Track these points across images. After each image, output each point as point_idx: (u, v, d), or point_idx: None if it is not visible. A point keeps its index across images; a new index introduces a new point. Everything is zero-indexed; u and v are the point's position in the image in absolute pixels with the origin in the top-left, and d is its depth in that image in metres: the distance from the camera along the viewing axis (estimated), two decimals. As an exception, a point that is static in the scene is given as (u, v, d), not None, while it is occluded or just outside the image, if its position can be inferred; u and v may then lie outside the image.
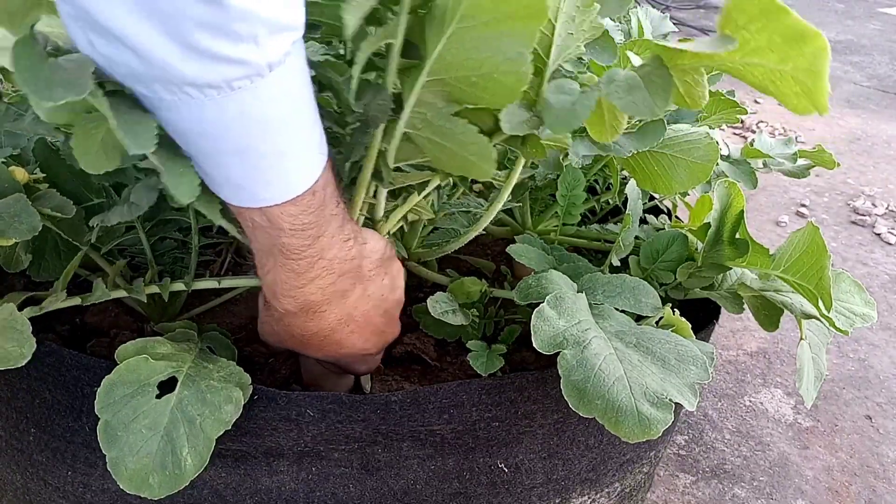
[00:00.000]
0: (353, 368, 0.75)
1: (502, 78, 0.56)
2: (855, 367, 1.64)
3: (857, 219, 2.31)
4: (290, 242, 0.58)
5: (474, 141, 0.61)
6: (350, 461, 0.70)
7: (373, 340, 0.71)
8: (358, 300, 0.67)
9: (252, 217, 0.56)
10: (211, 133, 0.49)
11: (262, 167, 0.52)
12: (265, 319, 0.69)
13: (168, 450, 0.59)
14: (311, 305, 0.64)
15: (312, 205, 0.56)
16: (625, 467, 0.86)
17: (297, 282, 0.61)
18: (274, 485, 0.70)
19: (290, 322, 0.66)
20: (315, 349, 0.69)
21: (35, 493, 0.76)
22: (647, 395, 0.61)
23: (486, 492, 0.76)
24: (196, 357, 0.67)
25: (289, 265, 0.60)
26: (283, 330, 0.68)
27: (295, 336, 0.67)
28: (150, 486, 0.58)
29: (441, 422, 0.70)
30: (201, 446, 0.59)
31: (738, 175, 1.00)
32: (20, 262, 0.77)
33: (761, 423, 1.45)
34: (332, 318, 0.66)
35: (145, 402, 0.60)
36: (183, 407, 0.61)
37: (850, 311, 0.83)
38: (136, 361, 0.62)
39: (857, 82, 3.66)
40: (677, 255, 0.86)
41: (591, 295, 0.75)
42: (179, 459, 0.58)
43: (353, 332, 0.69)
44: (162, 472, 0.58)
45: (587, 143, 0.79)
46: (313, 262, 0.60)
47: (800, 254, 0.73)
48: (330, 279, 0.63)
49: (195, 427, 0.60)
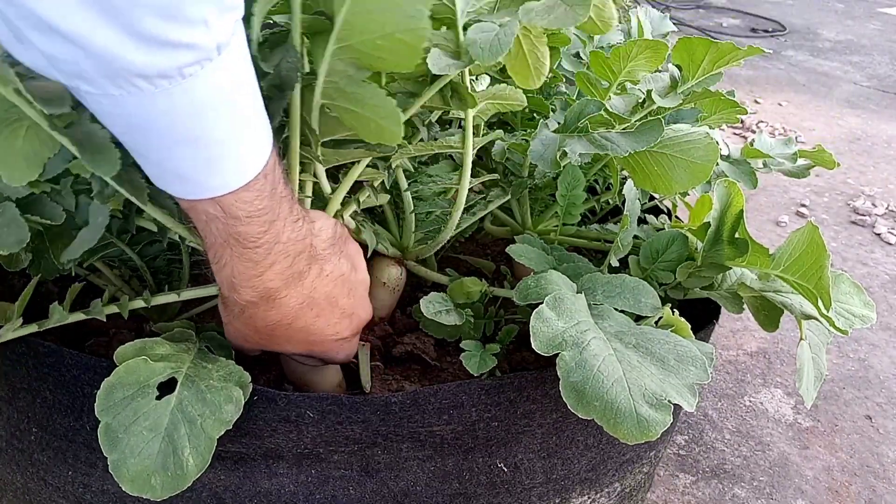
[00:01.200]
0: (331, 357, 0.73)
1: (404, 37, 0.57)
2: (855, 367, 1.64)
3: (857, 219, 2.31)
4: (246, 231, 0.57)
5: (383, 104, 0.62)
6: (350, 463, 0.70)
7: (343, 324, 0.70)
8: (315, 281, 0.66)
9: (206, 210, 0.55)
10: (161, 126, 0.48)
11: (214, 156, 0.51)
12: (227, 320, 0.68)
13: (170, 451, 0.58)
14: (270, 293, 0.62)
15: (265, 188, 0.55)
16: (624, 467, 0.86)
17: (256, 270, 0.60)
18: (273, 487, 0.70)
19: (251, 315, 0.64)
20: (284, 341, 0.68)
21: (35, 492, 0.76)
22: (645, 396, 0.60)
23: (486, 492, 0.76)
24: (195, 357, 0.67)
25: (246, 255, 0.59)
26: (246, 327, 0.66)
27: (260, 330, 0.66)
28: (152, 487, 0.58)
29: (441, 422, 0.70)
30: (203, 446, 0.59)
31: (738, 175, 1.00)
32: (20, 261, 0.77)
33: (761, 423, 1.45)
34: (292, 303, 0.64)
35: (145, 404, 0.60)
36: (183, 407, 0.60)
37: (850, 312, 0.83)
38: (136, 363, 0.62)
39: (857, 82, 3.66)
40: (677, 255, 0.86)
41: (591, 295, 0.75)
42: (181, 460, 0.58)
43: (319, 317, 0.67)
44: (164, 472, 0.58)
45: (584, 142, 0.79)
46: (270, 247, 0.59)
47: (799, 253, 0.73)
48: (286, 262, 0.62)
49: (196, 427, 0.60)
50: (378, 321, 0.91)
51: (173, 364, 0.64)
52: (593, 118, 0.81)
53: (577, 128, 0.82)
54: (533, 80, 0.71)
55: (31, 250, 0.78)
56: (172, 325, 0.75)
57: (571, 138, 0.80)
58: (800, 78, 3.67)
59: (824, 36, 4.47)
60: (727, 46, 0.86)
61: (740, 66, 0.89)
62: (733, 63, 0.88)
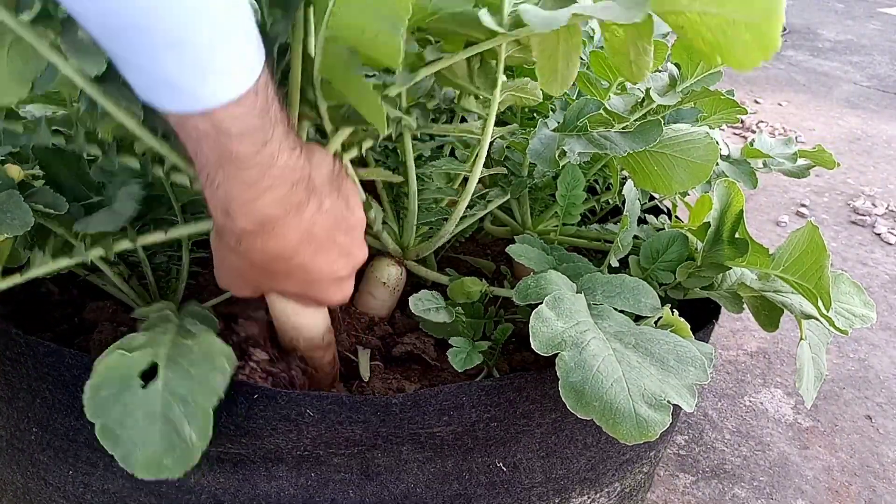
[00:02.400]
0: (327, 297, 0.71)
1: (383, 46, 0.59)
2: (855, 367, 1.64)
3: (857, 219, 2.31)
4: (239, 149, 0.55)
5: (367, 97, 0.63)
6: (350, 466, 0.70)
7: (340, 262, 0.69)
8: (315, 215, 0.64)
9: (196, 125, 0.54)
10: (141, 25, 0.47)
11: (202, 62, 0.50)
12: (222, 255, 0.67)
13: (171, 431, 0.59)
14: (269, 220, 0.61)
15: (257, 105, 0.54)
16: (624, 467, 0.86)
17: (251, 194, 0.58)
18: (273, 490, 0.70)
19: (249, 246, 0.62)
20: (283, 277, 0.67)
21: (35, 492, 0.76)
22: (645, 396, 0.60)
23: (486, 492, 0.76)
24: (174, 336, 0.67)
25: (240, 176, 0.57)
26: (243, 260, 0.65)
27: (257, 265, 0.65)
28: (165, 467, 0.58)
29: (441, 423, 0.70)
30: (201, 419, 0.60)
31: (738, 175, 1.00)
32: (20, 257, 0.77)
33: (761, 423, 1.45)
34: (292, 236, 0.63)
35: (132, 396, 0.60)
36: (171, 389, 0.61)
37: (850, 312, 0.83)
38: (114, 359, 0.61)
39: (857, 82, 3.66)
40: (677, 255, 0.86)
41: (591, 295, 0.75)
42: (185, 436, 0.59)
43: (317, 254, 0.66)
44: (172, 452, 0.59)
45: (584, 141, 0.79)
46: (264, 170, 0.58)
47: (799, 253, 0.73)
48: (283, 189, 0.60)
49: (189, 404, 0.60)
50: (378, 321, 0.91)
51: (151, 350, 0.63)
52: (592, 117, 0.81)
53: (577, 127, 0.82)
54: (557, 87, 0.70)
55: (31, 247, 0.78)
56: (151, 308, 0.75)
57: (571, 137, 0.80)
58: (800, 78, 3.67)
59: (824, 36, 4.47)
60: (727, 46, 0.86)
61: (740, 65, 0.89)
62: (733, 63, 0.88)
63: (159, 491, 0.70)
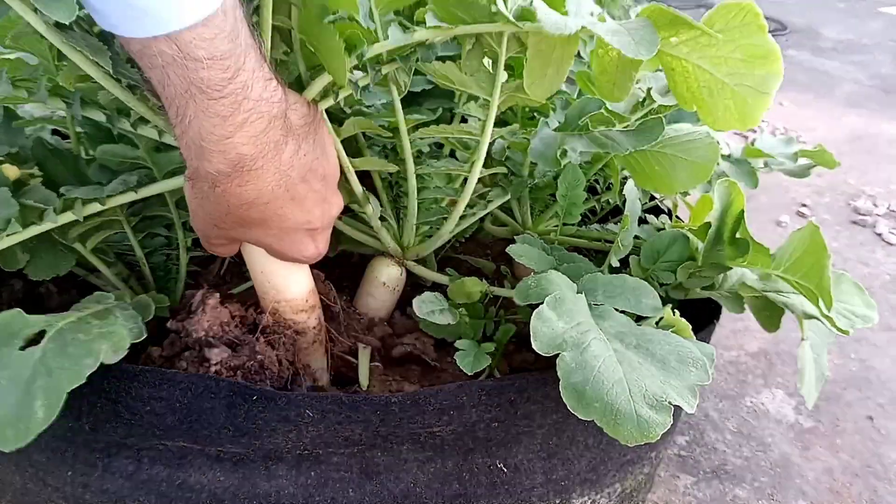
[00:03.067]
0: (302, 250, 0.69)
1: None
2: (856, 367, 1.63)
3: (859, 219, 2.31)
4: (208, 76, 0.53)
5: (333, 52, 0.63)
6: (349, 465, 0.70)
7: (316, 212, 0.67)
8: (292, 158, 0.62)
9: (161, 51, 0.51)
10: None
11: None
12: (197, 202, 0.63)
13: (27, 402, 0.57)
14: (244, 161, 0.58)
15: (225, 28, 0.52)
16: (625, 468, 0.86)
17: (224, 129, 0.55)
18: (272, 489, 0.70)
19: (224, 190, 0.60)
20: (258, 226, 0.64)
21: (34, 493, 0.76)
22: (646, 397, 0.60)
23: (486, 493, 0.76)
24: (89, 315, 0.66)
25: (212, 108, 0.54)
26: (218, 206, 0.62)
27: (232, 211, 0.62)
28: (5, 438, 0.56)
29: (441, 423, 0.70)
30: (54, 398, 0.58)
31: (739, 175, 1.00)
32: (17, 260, 0.77)
33: (762, 424, 1.44)
34: (268, 179, 0.61)
35: (8, 354, 0.59)
36: (46, 360, 0.59)
37: (851, 312, 0.83)
38: (10, 315, 0.61)
39: (858, 82, 3.66)
40: (678, 255, 0.86)
41: (592, 295, 0.75)
42: (32, 410, 0.57)
43: (294, 200, 0.64)
44: (16, 424, 0.57)
45: (585, 140, 0.79)
46: (238, 101, 0.55)
47: (800, 253, 0.73)
48: (260, 125, 0.58)
49: (51, 379, 0.58)
50: (378, 322, 0.91)
51: (52, 319, 0.63)
52: (594, 116, 0.81)
53: (578, 126, 0.82)
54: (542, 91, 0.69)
55: (29, 250, 0.78)
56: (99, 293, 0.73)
57: (572, 136, 0.80)
58: (801, 77, 3.66)
59: (826, 35, 4.46)
60: (728, 45, 0.86)
61: (741, 65, 0.89)
62: (734, 62, 0.88)
63: (159, 490, 0.70)
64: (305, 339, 0.77)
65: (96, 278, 0.88)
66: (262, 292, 0.75)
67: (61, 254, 0.79)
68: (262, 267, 0.73)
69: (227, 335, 0.73)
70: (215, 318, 0.73)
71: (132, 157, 0.77)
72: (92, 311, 0.67)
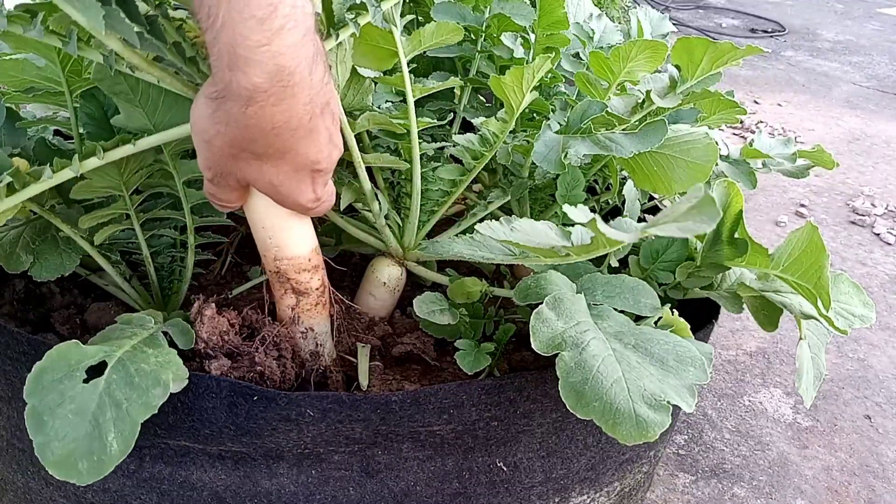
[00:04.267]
0: (306, 193, 0.67)
1: None
2: (854, 366, 1.64)
3: (857, 219, 2.32)
4: None
5: None
6: (350, 464, 0.71)
7: (325, 151, 0.65)
8: (321, 82, 0.60)
9: None
10: None
11: None
12: (217, 130, 0.59)
13: (95, 434, 0.57)
14: (283, 74, 0.54)
15: None
16: (624, 467, 0.86)
17: (262, 33, 0.52)
18: (273, 487, 0.70)
19: (259, 110, 0.56)
20: (274, 162, 0.62)
21: (36, 492, 0.76)
22: (644, 397, 0.61)
23: (486, 491, 0.76)
24: (140, 342, 0.66)
25: (248, 9, 0.51)
26: (245, 133, 0.58)
27: (259, 139, 0.58)
28: (78, 472, 0.56)
29: (441, 422, 0.70)
30: (127, 431, 0.58)
31: (738, 175, 1.00)
32: (20, 262, 0.77)
33: (761, 423, 1.45)
34: (302, 101, 0.57)
35: (72, 387, 0.59)
36: (111, 391, 0.59)
37: (849, 311, 0.83)
38: (67, 347, 0.61)
39: (856, 82, 3.66)
40: (677, 256, 0.86)
41: (591, 295, 0.75)
42: (105, 444, 0.57)
43: (312, 134, 0.61)
44: (90, 457, 0.57)
45: (588, 143, 0.79)
46: (275, 4, 0.52)
47: (798, 253, 0.73)
48: (297, 34, 0.54)
49: (122, 411, 0.58)
50: (378, 321, 0.91)
51: (108, 348, 0.63)
52: (596, 119, 0.81)
53: (581, 129, 0.82)
54: None
55: (33, 251, 0.78)
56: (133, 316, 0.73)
57: (575, 139, 0.80)
58: (799, 78, 3.67)
59: (823, 36, 4.47)
60: (726, 46, 0.86)
61: (739, 66, 0.89)
62: (732, 63, 0.88)
63: (161, 489, 0.70)
64: (308, 301, 0.75)
65: (98, 278, 0.89)
66: (265, 250, 0.73)
67: (66, 254, 0.79)
68: (264, 223, 0.71)
69: (226, 345, 0.73)
70: (213, 329, 0.73)
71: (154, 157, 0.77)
72: (141, 338, 0.67)
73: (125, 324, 0.70)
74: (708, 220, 0.52)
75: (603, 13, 1.13)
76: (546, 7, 0.96)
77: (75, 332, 0.86)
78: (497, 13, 0.99)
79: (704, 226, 0.52)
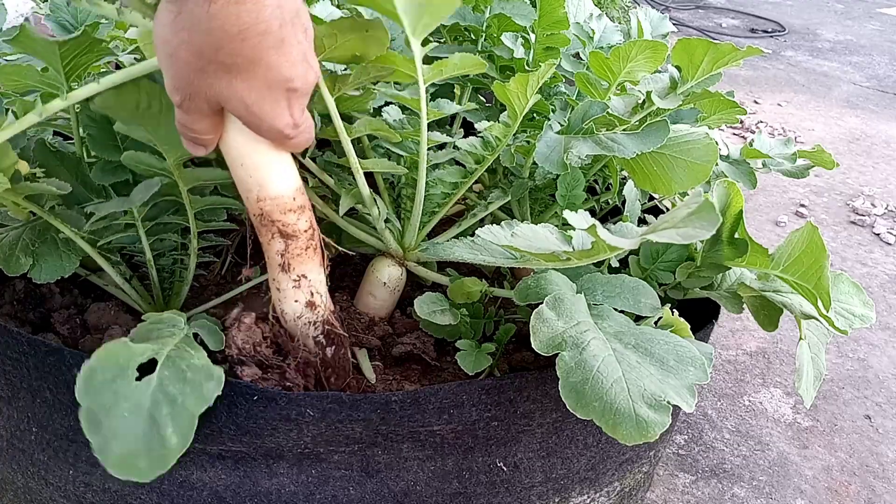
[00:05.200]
0: (281, 115, 0.63)
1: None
2: (854, 366, 1.64)
3: (857, 219, 2.32)
4: None
5: None
6: (350, 463, 0.71)
7: (299, 68, 0.62)
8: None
9: None
10: None
11: None
12: (181, 39, 0.57)
13: (153, 431, 0.57)
14: None
15: None
16: (624, 467, 0.86)
17: None
18: (273, 487, 0.70)
19: (221, 10, 0.54)
20: (244, 76, 0.59)
21: (36, 492, 0.76)
22: (644, 397, 0.61)
23: (486, 491, 0.76)
24: (181, 341, 0.66)
25: None
26: (209, 38, 0.56)
27: (224, 45, 0.56)
28: (139, 469, 0.57)
29: (441, 422, 0.70)
30: (185, 424, 0.58)
31: (738, 175, 1.00)
32: (20, 265, 0.77)
33: (761, 423, 1.45)
34: (268, 3, 0.56)
35: (125, 386, 0.59)
36: (164, 387, 0.59)
37: (849, 311, 0.83)
38: (116, 346, 0.61)
39: (856, 82, 3.66)
40: (677, 256, 0.86)
41: (591, 295, 0.75)
42: (164, 439, 0.57)
43: (283, 45, 0.59)
44: (148, 453, 0.57)
45: (590, 143, 0.79)
46: None
47: (799, 253, 0.73)
48: None
49: (178, 406, 0.59)
50: (378, 321, 0.91)
51: (155, 346, 0.63)
52: (597, 119, 0.81)
53: (582, 129, 0.82)
54: None
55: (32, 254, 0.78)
56: (162, 315, 0.74)
57: (577, 140, 0.80)
58: (799, 78, 3.67)
59: (823, 36, 4.47)
60: (726, 47, 0.87)
61: (739, 66, 0.89)
62: (732, 63, 0.88)
63: (161, 488, 0.70)
64: (297, 245, 0.71)
65: (98, 278, 0.89)
66: (246, 191, 0.69)
67: (65, 255, 0.79)
68: (243, 159, 0.67)
69: (258, 355, 0.73)
70: (248, 338, 0.73)
71: (159, 167, 0.76)
72: (178, 337, 0.67)
73: (156, 323, 0.70)
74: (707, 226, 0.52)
75: (603, 13, 1.13)
76: (546, 7, 0.96)
77: (75, 332, 0.86)
78: (497, 13, 0.99)
79: (704, 232, 0.52)
